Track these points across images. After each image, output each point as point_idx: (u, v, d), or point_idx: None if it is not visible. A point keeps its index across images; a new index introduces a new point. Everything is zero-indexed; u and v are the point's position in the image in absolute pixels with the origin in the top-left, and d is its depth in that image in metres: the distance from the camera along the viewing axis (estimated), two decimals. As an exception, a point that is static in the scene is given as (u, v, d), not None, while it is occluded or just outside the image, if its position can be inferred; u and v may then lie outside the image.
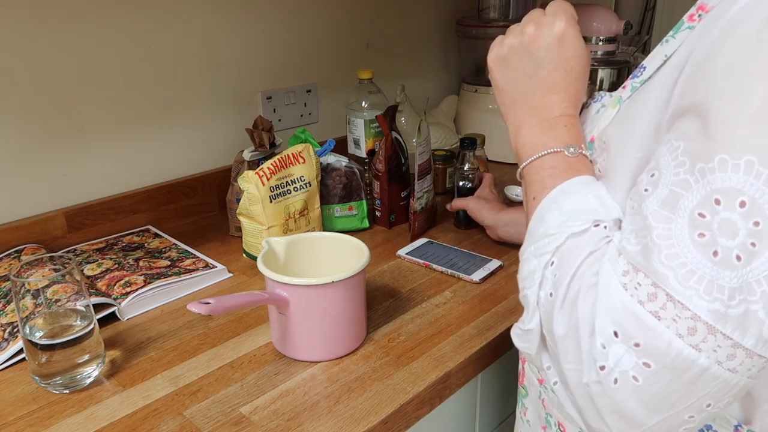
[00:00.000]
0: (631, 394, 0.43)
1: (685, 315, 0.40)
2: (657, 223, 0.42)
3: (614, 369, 0.43)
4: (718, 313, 0.39)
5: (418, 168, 1.07)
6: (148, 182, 1.16)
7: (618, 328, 0.43)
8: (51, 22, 0.98)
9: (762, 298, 0.39)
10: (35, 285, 0.70)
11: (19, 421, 0.68)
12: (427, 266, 1.00)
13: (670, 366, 0.41)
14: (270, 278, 0.74)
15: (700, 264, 0.40)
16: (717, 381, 0.41)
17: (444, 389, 0.76)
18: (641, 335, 0.42)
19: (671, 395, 0.42)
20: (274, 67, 1.29)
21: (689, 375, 0.41)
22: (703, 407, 0.43)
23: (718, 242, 0.39)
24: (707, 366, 0.41)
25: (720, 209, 0.39)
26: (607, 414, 0.45)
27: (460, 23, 1.57)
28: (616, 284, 0.43)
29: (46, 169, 1.03)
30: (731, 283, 0.39)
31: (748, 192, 0.38)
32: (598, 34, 1.60)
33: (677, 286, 0.40)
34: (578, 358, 0.46)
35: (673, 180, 0.42)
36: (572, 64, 0.57)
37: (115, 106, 1.08)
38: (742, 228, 0.38)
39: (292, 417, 0.68)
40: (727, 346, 0.40)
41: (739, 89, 0.39)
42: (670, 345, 0.41)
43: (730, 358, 0.40)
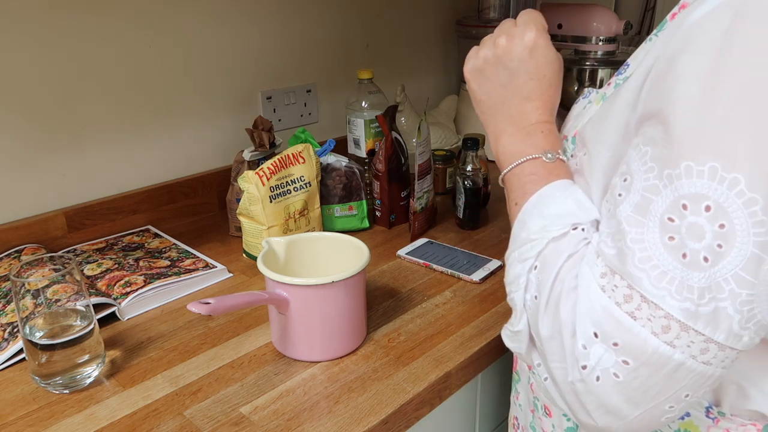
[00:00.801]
0: (614, 390, 0.45)
1: (659, 314, 0.42)
2: (630, 227, 0.44)
3: (596, 368, 0.45)
4: (689, 311, 0.42)
5: (418, 168, 1.07)
6: (148, 182, 1.16)
7: (597, 329, 0.45)
8: (51, 22, 0.98)
9: (730, 295, 0.41)
10: (35, 285, 0.70)
11: (19, 421, 0.68)
12: (427, 266, 1.00)
13: (648, 362, 0.43)
14: (270, 278, 0.74)
15: (671, 266, 0.42)
16: (693, 373, 0.43)
17: (444, 389, 0.76)
18: (619, 335, 0.44)
19: (651, 389, 0.44)
20: (274, 67, 1.29)
21: (666, 369, 0.43)
22: (682, 398, 0.45)
23: (687, 245, 0.41)
24: (682, 360, 0.43)
25: (687, 214, 0.41)
26: (593, 409, 0.47)
27: (460, 23, 1.57)
28: (595, 287, 0.46)
29: (46, 169, 1.03)
30: (700, 283, 0.41)
31: (713, 197, 0.40)
32: (598, 34, 1.60)
33: (650, 287, 0.42)
34: (563, 358, 0.48)
35: (644, 185, 0.44)
36: (545, 72, 0.59)
37: (115, 106, 1.08)
38: (708, 231, 0.40)
39: (292, 417, 0.68)
40: (700, 342, 0.42)
41: (701, 98, 0.41)
42: (646, 343, 0.43)
43: (704, 352, 0.43)
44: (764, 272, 0.40)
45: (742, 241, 0.40)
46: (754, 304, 0.41)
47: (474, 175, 1.11)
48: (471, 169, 1.12)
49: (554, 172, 0.56)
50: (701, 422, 0.55)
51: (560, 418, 0.63)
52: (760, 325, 0.42)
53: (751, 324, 0.42)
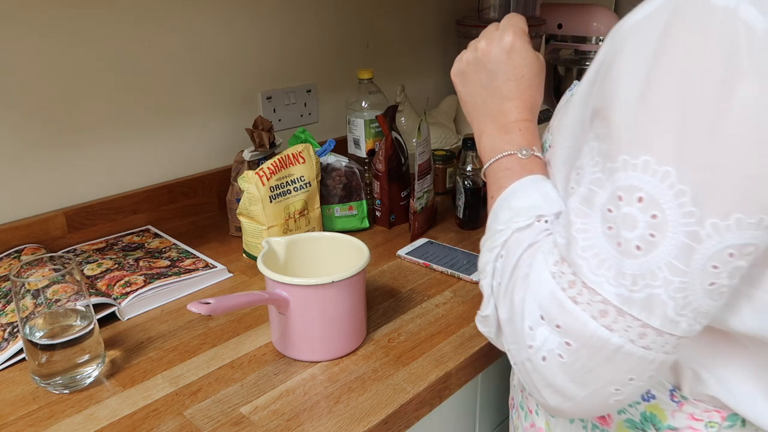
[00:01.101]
0: (559, 370, 0.48)
1: (597, 299, 0.45)
2: (576, 218, 0.47)
3: (541, 348, 0.48)
4: (623, 297, 0.44)
5: (418, 168, 1.07)
6: (148, 182, 1.16)
7: (543, 312, 0.48)
8: (51, 22, 0.98)
9: (663, 283, 0.43)
10: (35, 285, 0.70)
11: (19, 421, 0.68)
12: (427, 266, 1.00)
13: (588, 344, 0.46)
14: (270, 278, 0.74)
15: (609, 254, 0.44)
16: (633, 357, 0.45)
17: (444, 389, 0.76)
18: (562, 318, 0.47)
19: (593, 370, 0.46)
20: (274, 67, 1.29)
21: (605, 352, 0.45)
22: (627, 381, 0.47)
23: (621, 234, 0.44)
24: (621, 344, 0.45)
25: (622, 204, 0.43)
26: (542, 388, 0.50)
27: (460, 23, 1.57)
28: (546, 273, 0.48)
29: (46, 169, 1.03)
30: (633, 270, 0.43)
31: (645, 188, 0.42)
32: (598, 34, 1.60)
33: (589, 274, 0.45)
34: (515, 340, 0.51)
35: (590, 178, 0.47)
36: (523, 72, 0.63)
37: (115, 106, 1.08)
38: (641, 221, 0.42)
39: (292, 417, 0.68)
40: (637, 326, 0.44)
41: (637, 96, 0.43)
42: (586, 326, 0.45)
43: (641, 336, 0.45)
44: (695, 261, 0.42)
45: (673, 231, 0.42)
46: (687, 292, 0.43)
47: (474, 175, 1.11)
48: (471, 169, 1.12)
49: (527, 168, 0.58)
50: (666, 405, 0.56)
51: None
52: (697, 312, 0.44)
53: (687, 311, 0.44)
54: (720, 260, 0.42)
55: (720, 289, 0.43)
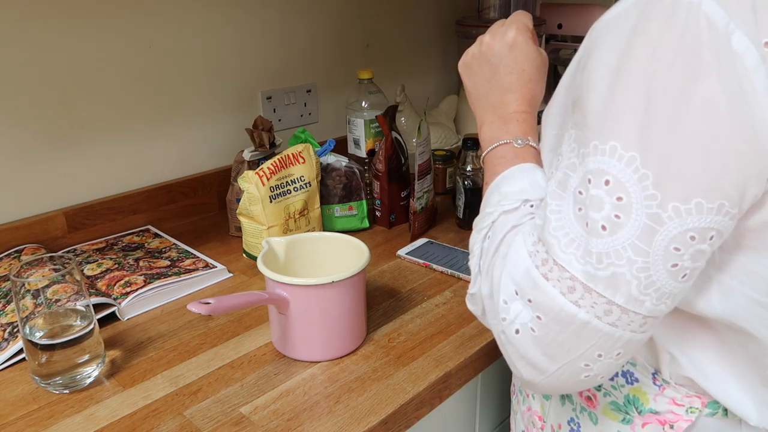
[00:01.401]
0: (531, 343, 0.50)
1: (565, 276, 0.47)
2: (551, 200, 0.50)
3: (515, 321, 0.51)
4: (589, 274, 0.46)
5: (418, 168, 1.07)
6: (148, 182, 1.16)
7: (517, 288, 0.50)
8: (51, 21, 0.98)
9: (627, 262, 0.45)
10: (35, 285, 0.70)
11: (19, 421, 0.68)
12: (427, 266, 1.00)
13: (557, 319, 0.48)
14: (270, 278, 0.74)
15: (578, 234, 0.47)
16: (600, 333, 0.47)
17: (444, 389, 0.76)
18: (533, 293, 0.49)
19: (562, 344, 0.49)
20: (274, 67, 1.29)
21: (573, 327, 0.47)
22: (595, 357, 0.48)
23: (589, 215, 0.46)
24: (587, 320, 0.47)
25: (591, 187, 0.46)
26: (517, 360, 0.52)
27: (460, 23, 1.57)
28: (524, 252, 0.51)
29: (46, 169, 1.03)
30: (598, 249, 0.45)
31: (612, 172, 0.45)
32: (598, 34, 1.60)
33: (559, 252, 0.48)
34: (494, 315, 0.54)
35: (566, 163, 0.49)
36: (524, 67, 0.65)
37: (115, 106, 1.08)
38: (607, 203, 0.45)
39: (292, 417, 0.68)
40: (602, 303, 0.46)
41: (608, 87, 0.45)
42: (555, 301, 0.48)
43: (607, 313, 0.47)
44: (657, 242, 0.44)
45: (636, 212, 0.44)
46: (650, 272, 0.45)
47: (474, 175, 1.11)
48: (471, 169, 1.12)
49: (521, 156, 0.61)
50: (649, 389, 0.58)
51: None
52: (661, 292, 0.46)
53: (650, 290, 0.45)
54: (681, 243, 0.44)
55: (683, 271, 0.45)
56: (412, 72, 1.61)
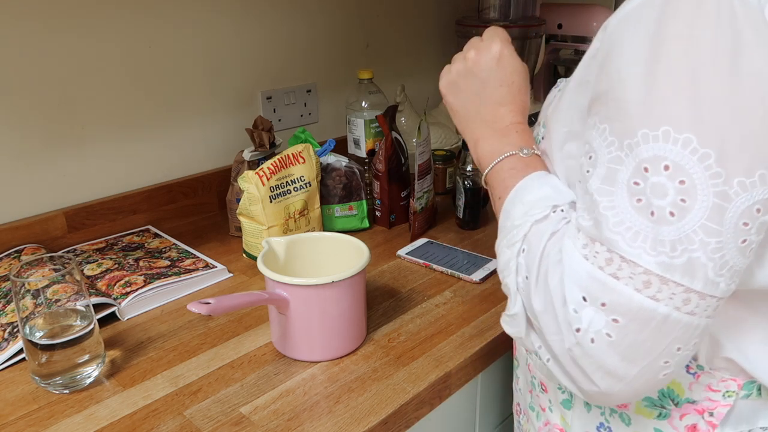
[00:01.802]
0: (609, 350, 0.47)
1: (638, 271, 0.45)
2: (601, 197, 0.48)
3: (588, 330, 0.48)
4: (664, 264, 0.45)
5: (418, 168, 1.07)
6: (148, 182, 1.16)
7: (585, 293, 0.48)
8: (52, 21, 0.98)
9: (701, 245, 0.44)
10: (35, 285, 0.70)
11: (19, 421, 0.68)
12: (427, 266, 1.00)
13: (636, 318, 0.46)
14: (270, 278, 0.74)
15: (642, 225, 0.45)
16: (680, 325, 0.46)
17: (444, 389, 0.76)
18: (606, 295, 0.47)
19: (643, 344, 0.47)
20: (274, 67, 1.29)
21: (654, 323, 0.46)
22: (675, 351, 0.47)
23: (653, 203, 0.45)
24: (668, 313, 0.45)
25: (649, 175, 0.45)
26: (593, 372, 0.49)
27: (460, 23, 1.57)
28: (578, 256, 0.49)
29: (46, 169, 1.03)
30: (671, 236, 0.44)
31: (669, 157, 0.44)
32: (598, 34, 1.60)
33: (626, 247, 0.46)
34: (558, 328, 0.50)
35: (608, 158, 0.48)
36: (513, 78, 0.66)
37: (116, 106, 1.08)
38: (671, 188, 0.44)
39: (292, 417, 0.68)
40: (680, 292, 0.45)
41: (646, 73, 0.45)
42: (631, 300, 0.46)
43: (686, 302, 0.45)
44: (728, 219, 0.43)
45: (702, 193, 0.43)
46: (724, 251, 0.44)
47: (474, 175, 1.11)
48: (471, 169, 1.12)
49: (531, 165, 0.60)
50: (683, 378, 0.57)
51: (555, 392, 0.66)
52: (733, 271, 0.45)
53: (725, 270, 0.45)
54: (749, 216, 0.44)
55: (750, 245, 0.45)
56: (412, 72, 1.61)
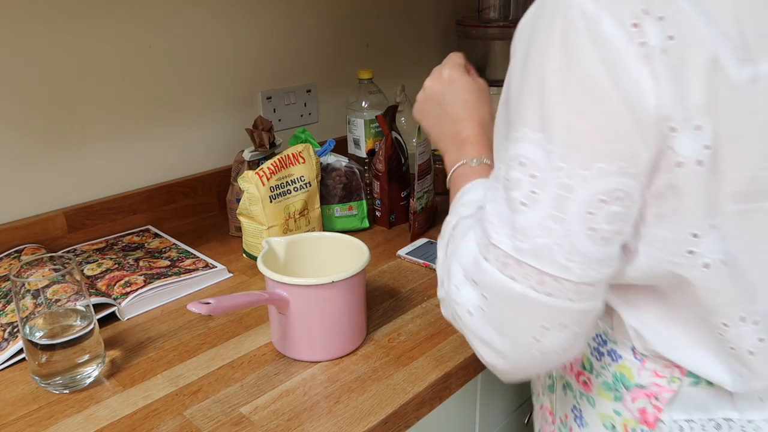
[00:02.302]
0: (482, 321, 0.53)
1: (500, 254, 0.51)
2: (488, 192, 0.55)
3: (466, 303, 0.54)
4: (518, 248, 0.50)
5: (418, 168, 1.07)
6: (148, 182, 1.16)
7: (465, 272, 0.55)
8: (52, 21, 0.98)
9: (548, 232, 0.49)
10: (35, 285, 0.70)
11: (19, 421, 0.68)
12: (427, 266, 1.00)
13: (498, 294, 0.52)
14: (270, 278, 0.74)
15: (505, 214, 0.51)
16: (538, 304, 0.50)
17: (444, 389, 0.76)
18: (477, 274, 0.53)
19: (510, 320, 0.52)
20: (274, 67, 1.29)
21: (513, 300, 0.51)
22: (540, 328, 0.51)
23: (511, 195, 0.50)
24: (524, 291, 0.50)
25: (511, 171, 0.51)
26: (475, 342, 0.56)
27: (460, 23, 1.57)
28: (473, 243, 0.55)
29: (46, 169, 1.03)
30: (521, 224, 0.50)
31: (525, 154, 0.49)
32: (598, 34, 1.60)
33: (493, 233, 0.52)
34: (446, 301, 0.59)
35: (500, 159, 0.55)
36: (465, 97, 0.75)
37: (116, 106, 1.08)
38: (524, 181, 0.49)
39: (292, 417, 0.68)
40: (534, 274, 0.50)
41: (518, 82, 0.51)
42: (494, 278, 0.51)
43: (540, 283, 0.50)
44: (571, 209, 0.48)
45: (549, 185, 0.48)
46: (571, 238, 0.48)
47: (474, 175, 1.11)
48: (471, 169, 1.12)
49: (478, 173, 0.68)
50: (632, 364, 0.60)
51: (543, 377, 0.72)
52: (586, 257, 0.49)
53: (575, 257, 0.49)
54: (593, 206, 0.48)
55: (601, 233, 0.48)
56: (412, 72, 1.61)
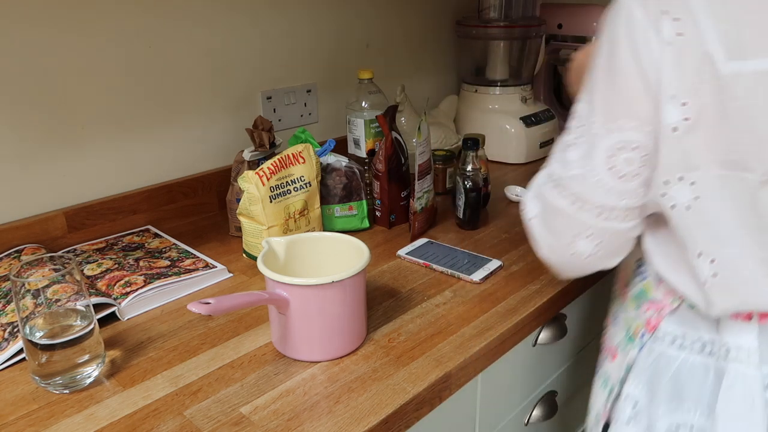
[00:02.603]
0: (540, 226, 0.73)
1: (553, 178, 0.70)
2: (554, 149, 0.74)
3: (531, 212, 0.75)
4: (563, 175, 0.69)
5: (418, 168, 1.07)
6: (148, 182, 1.16)
7: (533, 190, 0.75)
8: (52, 21, 0.98)
9: (582, 167, 0.67)
10: (35, 285, 0.70)
11: (19, 421, 0.68)
12: (427, 266, 1.00)
13: (548, 206, 0.71)
14: (270, 278, 0.74)
15: (561, 152, 0.70)
16: (572, 218, 0.69)
17: (444, 389, 0.76)
18: (539, 191, 0.73)
19: (553, 226, 0.71)
20: (274, 67, 1.29)
21: (556, 212, 0.70)
22: (572, 236, 0.70)
23: (565, 138, 0.70)
24: (563, 207, 0.69)
25: (570, 121, 0.70)
26: (533, 242, 0.75)
27: (460, 23, 1.57)
28: (545, 171, 0.74)
29: (46, 169, 1.03)
30: (567, 159, 0.69)
31: (577, 112, 0.68)
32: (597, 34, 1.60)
33: (552, 163, 0.72)
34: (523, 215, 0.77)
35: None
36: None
37: (116, 106, 1.08)
38: (574, 129, 0.68)
39: (292, 417, 0.68)
40: (571, 195, 0.68)
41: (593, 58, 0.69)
42: (547, 194, 0.71)
43: (574, 202, 0.68)
44: (597, 153, 0.65)
45: (587, 134, 0.66)
46: (596, 171, 0.65)
47: (474, 175, 1.11)
48: (471, 169, 1.12)
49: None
50: (652, 283, 0.75)
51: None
52: (608, 188, 0.65)
53: (600, 187, 0.66)
54: (613, 150, 0.64)
55: (619, 172, 0.65)
56: (412, 72, 1.61)
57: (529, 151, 1.49)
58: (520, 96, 1.53)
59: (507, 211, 1.22)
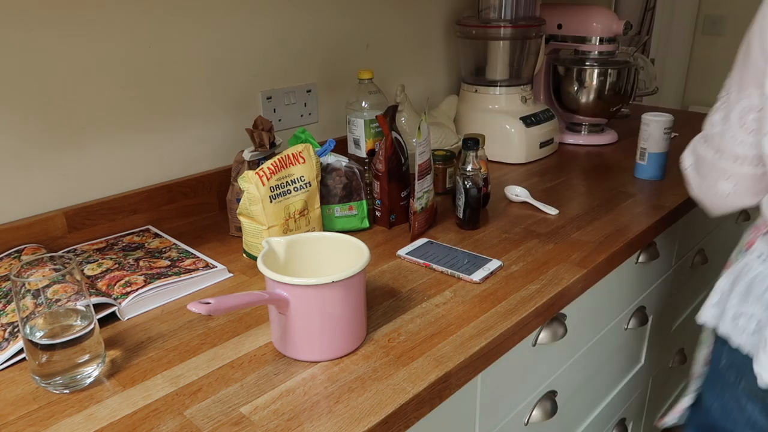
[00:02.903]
0: (693, 173, 0.94)
1: (703, 134, 0.91)
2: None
3: (687, 161, 0.96)
4: (709, 133, 0.88)
5: (418, 168, 1.07)
6: (148, 182, 1.16)
7: (690, 146, 0.95)
8: (52, 21, 0.98)
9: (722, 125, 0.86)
10: (35, 285, 0.70)
11: (19, 421, 0.68)
12: (427, 266, 1.00)
13: (699, 157, 0.91)
14: (270, 278, 0.74)
15: (712, 114, 0.88)
16: (715, 165, 0.87)
17: (444, 389, 0.76)
18: (694, 145, 0.93)
19: (701, 170, 0.91)
20: (274, 67, 1.29)
21: (704, 161, 0.90)
22: (715, 179, 0.88)
23: (715, 105, 0.88)
24: (708, 156, 0.88)
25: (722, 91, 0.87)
26: (688, 184, 0.96)
27: (460, 23, 1.57)
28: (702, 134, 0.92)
29: (46, 169, 1.03)
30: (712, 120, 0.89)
31: (726, 82, 0.86)
32: (597, 34, 1.60)
33: (705, 123, 0.90)
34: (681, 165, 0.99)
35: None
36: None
37: (116, 106, 1.08)
38: (721, 97, 0.87)
39: (292, 417, 0.68)
40: (714, 146, 0.87)
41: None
42: (698, 147, 0.92)
43: (716, 152, 0.87)
44: (732, 114, 0.84)
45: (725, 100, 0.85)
46: (732, 130, 0.84)
47: (474, 175, 1.12)
48: (471, 169, 1.12)
49: None
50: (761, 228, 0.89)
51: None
52: (738, 140, 0.83)
53: (733, 141, 0.84)
54: (745, 111, 0.82)
55: (749, 127, 0.81)
56: (412, 72, 1.61)
57: (529, 151, 1.49)
58: (520, 96, 1.53)
59: (507, 211, 1.22)
